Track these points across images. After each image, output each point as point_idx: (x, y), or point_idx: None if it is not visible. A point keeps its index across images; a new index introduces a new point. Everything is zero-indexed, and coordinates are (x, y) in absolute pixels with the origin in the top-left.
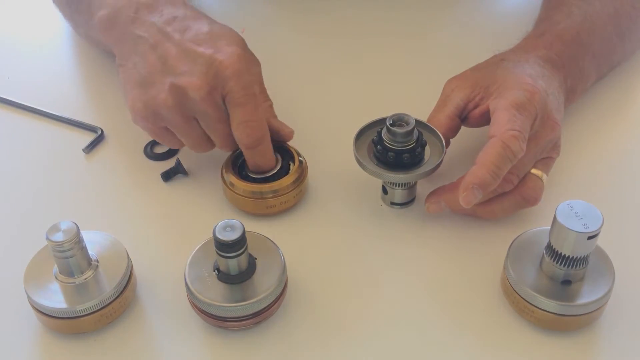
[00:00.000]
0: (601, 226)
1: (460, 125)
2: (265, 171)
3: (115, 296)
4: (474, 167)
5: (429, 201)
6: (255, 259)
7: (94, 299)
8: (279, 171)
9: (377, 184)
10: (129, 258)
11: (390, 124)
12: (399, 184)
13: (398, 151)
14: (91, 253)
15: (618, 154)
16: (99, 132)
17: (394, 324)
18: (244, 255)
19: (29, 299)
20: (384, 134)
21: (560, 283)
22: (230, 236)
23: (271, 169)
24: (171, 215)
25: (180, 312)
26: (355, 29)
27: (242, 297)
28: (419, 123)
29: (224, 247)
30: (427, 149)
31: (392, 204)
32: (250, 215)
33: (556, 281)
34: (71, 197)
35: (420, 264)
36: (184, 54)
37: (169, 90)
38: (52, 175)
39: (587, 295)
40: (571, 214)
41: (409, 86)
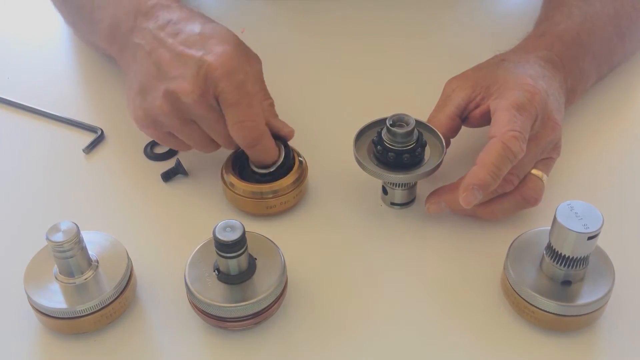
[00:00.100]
0: (601, 226)
1: (461, 125)
2: (269, 165)
3: (115, 296)
4: (474, 168)
5: (429, 201)
6: (255, 259)
7: (94, 299)
8: (284, 163)
9: (377, 184)
10: (129, 258)
11: (390, 124)
12: (399, 184)
13: (398, 151)
14: (91, 253)
15: (618, 154)
16: (99, 132)
17: (394, 324)
18: (244, 255)
19: (29, 299)
20: (384, 134)
21: (561, 283)
22: (230, 236)
23: (275, 163)
24: (171, 216)
25: (180, 312)
26: (355, 29)
27: (242, 297)
28: (419, 123)
29: (224, 247)
30: (427, 149)
31: (392, 204)
32: (250, 215)
33: (556, 281)
34: (71, 197)
35: (420, 264)
36: (176, 58)
37: (163, 96)
38: (52, 175)
39: (587, 296)
40: (571, 215)
41: (409, 86)
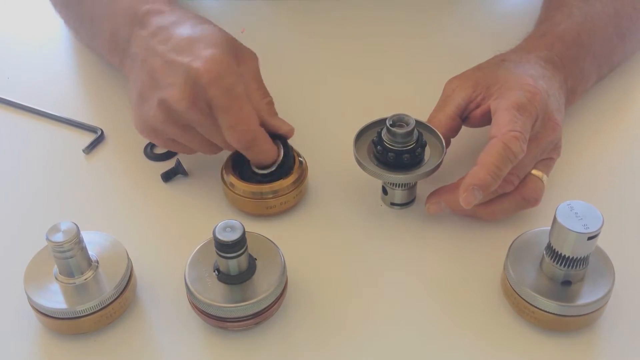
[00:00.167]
0: (601, 227)
1: (461, 125)
2: (269, 166)
3: (115, 297)
4: (475, 168)
5: (429, 201)
6: (255, 259)
7: (94, 300)
8: (284, 162)
9: (377, 184)
10: (129, 258)
11: (390, 125)
12: (399, 184)
13: (398, 152)
14: (91, 253)
15: (618, 154)
16: (99, 132)
17: (394, 324)
18: (244, 255)
19: (29, 299)
20: (384, 134)
21: (560, 283)
22: (230, 237)
23: (274, 163)
24: (171, 216)
25: (180, 313)
26: (355, 29)
27: (242, 297)
28: (419, 123)
29: (224, 247)
30: (427, 149)
31: (392, 204)
32: (250, 215)
33: (556, 282)
34: (71, 197)
35: (420, 264)
36: (167, 66)
37: (158, 106)
38: (52, 175)
39: (587, 296)
40: (571, 215)
41: (409, 86)
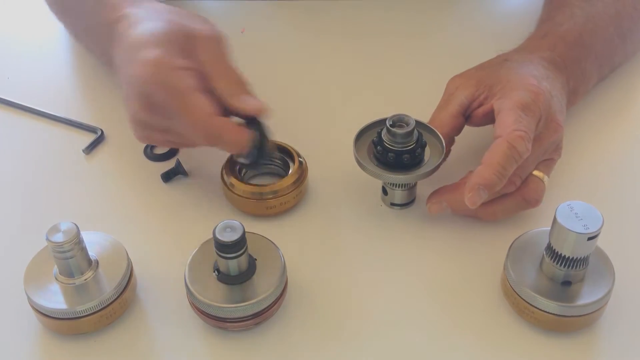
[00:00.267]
0: (601, 227)
1: (464, 123)
2: (245, 156)
3: (115, 297)
4: (480, 168)
5: (430, 201)
6: (255, 259)
7: (94, 300)
8: (262, 144)
9: (377, 184)
10: (129, 258)
11: (390, 125)
12: (399, 184)
13: (398, 152)
14: (91, 254)
15: (618, 155)
16: (99, 132)
17: (394, 324)
18: (244, 256)
19: (29, 299)
20: (384, 134)
21: (560, 284)
22: (230, 237)
23: (248, 152)
24: (171, 216)
25: (180, 313)
26: (355, 29)
27: (242, 298)
28: (419, 124)
29: (224, 247)
30: (427, 149)
31: (392, 204)
32: (250, 215)
33: (556, 282)
34: (71, 197)
35: (420, 264)
36: (123, 78)
37: (129, 120)
38: (52, 175)
39: (587, 296)
40: (571, 215)
41: (409, 86)
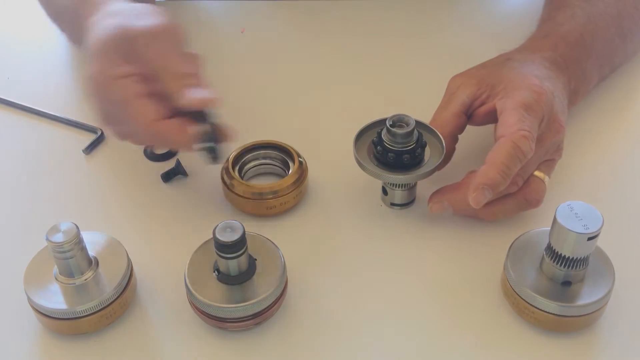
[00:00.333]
0: (601, 227)
1: (467, 122)
2: (203, 150)
3: (115, 297)
4: (484, 167)
5: (432, 200)
6: (255, 259)
7: (94, 300)
8: (213, 138)
9: (377, 184)
10: (129, 258)
11: (390, 125)
12: (399, 184)
13: (398, 152)
14: (91, 254)
15: (618, 155)
16: (99, 132)
17: (394, 324)
18: (244, 256)
19: (29, 299)
20: (384, 134)
21: (561, 284)
22: (230, 237)
23: (203, 147)
24: (171, 216)
25: (180, 313)
26: (355, 29)
27: (242, 298)
28: (419, 124)
29: (224, 248)
30: (427, 149)
31: (392, 204)
32: (250, 216)
33: (556, 282)
34: (71, 197)
35: (421, 264)
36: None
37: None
38: (52, 175)
39: (587, 296)
40: (571, 215)
41: (409, 86)
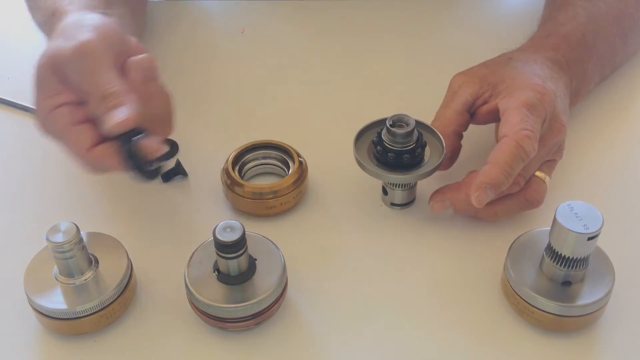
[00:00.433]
0: (601, 227)
1: (469, 120)
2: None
3: (116, 297)
4: (487, 167)
5: (433, 199)
6: (256, 259)
7: (94, 300)
8: (138, 163)
9: (377, 184)
10: (129, 258)
11: (390, 125)
12: (399, 184)
13: (398, 152)
14: (91, 253)
15: (618, 155)
16: None
17: (394, 324)
18: (244, 256)
19: (29, 300)
20: (384, 134)
21: (561, 284)
22: (230, 237)
23: (126, 167)
24: (171, 216)
25: (180, 313)
26: (355, 29)
27: (242, 298)
28: (419, 124)
29: (224, 247)
30: (427, 149)
31: (392, 204)
32: (250, 216)
33: (556, 282)
34: (71, 197)
35: (421, 264)
36: None
37: None
38: (52, 175)
39: (587, 296)
40: (571, 215)
41: (409, 86)
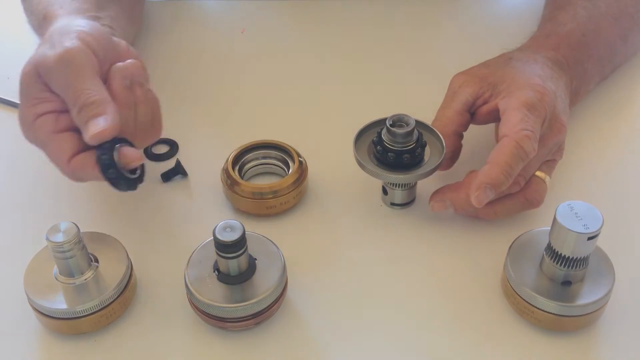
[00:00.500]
0: (601, 227)
1: (470, 120)
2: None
3: (116, 297)
4: (487, 167)
5: (433, 199)
6: (255, 259)
7: (94, 300)
8: (115, 175)
9: (377, 184)
10: (129, 258)
11: (390, 125)
12: (399, 184)
13: (398, 152)
14: (91, 254)
15: (618, 155)
16: None
17: (393, 324)
18: (244, 255)
19: (29, 299)
20: (384, 134)
21: (561, 284)
22: (230, 237)
23: (105, 177)
24: (171, 216)
25: (180, 313)
26: (355, 29)
27: (242, 297)
28: (419, 124)
29: (224, 247)
30: (427, 149)
31: (392, 204)
32: (250, 215)
33: (556, 282)
34: (71, 197)
35: (421, 264)
36: None
37: None
38: (52, 175)
39: (587, 296)
40: (571, 215)
41: (409, 86)
